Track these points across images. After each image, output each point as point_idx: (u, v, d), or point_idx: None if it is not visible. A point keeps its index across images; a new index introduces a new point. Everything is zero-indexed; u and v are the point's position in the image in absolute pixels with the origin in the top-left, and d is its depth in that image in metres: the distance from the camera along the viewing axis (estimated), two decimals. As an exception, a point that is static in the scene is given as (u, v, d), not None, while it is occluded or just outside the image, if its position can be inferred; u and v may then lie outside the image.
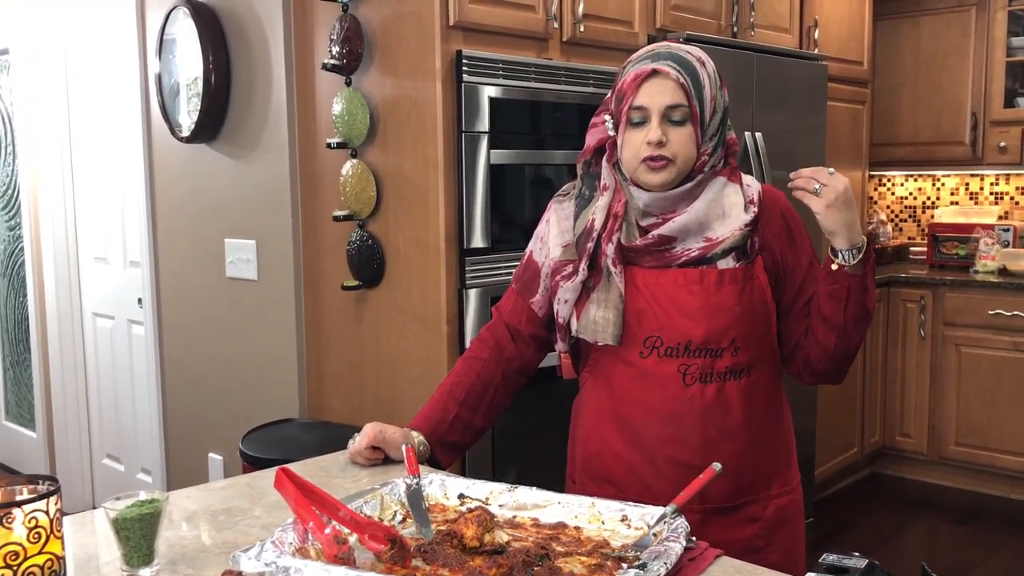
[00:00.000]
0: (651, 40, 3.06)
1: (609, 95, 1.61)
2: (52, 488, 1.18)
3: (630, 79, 1.53)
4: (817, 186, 1.46)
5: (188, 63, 3.14)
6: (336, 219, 2.73)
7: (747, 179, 1.62)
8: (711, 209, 1.56)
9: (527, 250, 1.73)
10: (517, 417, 2.53)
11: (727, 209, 1.57)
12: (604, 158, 1.61)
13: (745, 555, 1.36)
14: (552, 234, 1.65)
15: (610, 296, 1.57)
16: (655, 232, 1.55)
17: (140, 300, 3.65)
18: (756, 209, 1.57)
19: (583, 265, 1.58)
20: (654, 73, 1.51)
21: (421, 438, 1.65)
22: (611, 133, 1.58)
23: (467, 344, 2.52)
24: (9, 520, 1.11)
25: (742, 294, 1.55)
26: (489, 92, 2.57)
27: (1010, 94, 4.60)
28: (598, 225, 1.58)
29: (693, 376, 1.54)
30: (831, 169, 1.48)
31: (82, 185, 4.10)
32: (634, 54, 1.58)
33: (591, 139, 1.62)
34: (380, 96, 2.66)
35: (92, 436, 4.23)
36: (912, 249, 5.12)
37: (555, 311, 1.63)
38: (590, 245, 1.58)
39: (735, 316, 1.54)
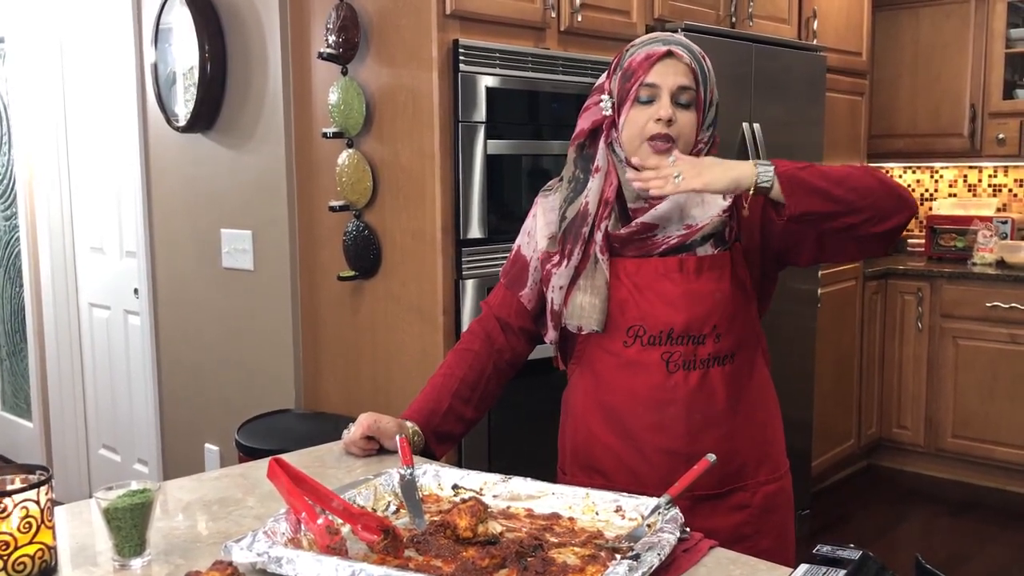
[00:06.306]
0: (649, 30, 3.05)
1: (603, 79, 1.61)
2: (43, 478, 1.17)
3: (641, 57, 1.54)
4: (676, 174, 1.45)
5: (184, 52, 3.13)
6: (332, 209, 2.72)
7: None
8: (690, 196, 1.56)
9: (515, 245, 1.74)
10: (513, 408, 2.52)
11: (705, 195, 1.57)
12: (600, 139, 1.60)
13: (734, 543, 1.37)
14: (539, 226, 1.67)
15: (595, 282, 1.58)
16: (638, 220, 1.56)
17: (136, 290, 3.64)
18: (732, 196, 1.57)
19: (577, 249, 1.59)
20: (669, 54, 1.53)
21: (416, 428, 1.65)
22: (606, 113, 1.58)
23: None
24: (0, 510, 1.11)
25: (721, 280, 1.56)
26: (486, 82, 2.56)
27: (1009, 86, 4.59)
28: (592, 209, 1.58)
29: (676, 363, 1.55)
30: (671, 157, 1.48)
31: (78, 175, 4.08)
32: (636, 40, 1.60)
33: (585, 122, 1.62)
34: (376, 85, 2.65)
35: (88, 426, 4.23)
36: (910, 241, 5.11)
37: (549, 299, 1.64)
38: (585, 230, 1.59)
39: (715, 302, 1.55)
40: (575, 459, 1.67)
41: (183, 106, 3.18)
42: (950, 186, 5.13)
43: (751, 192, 1.45)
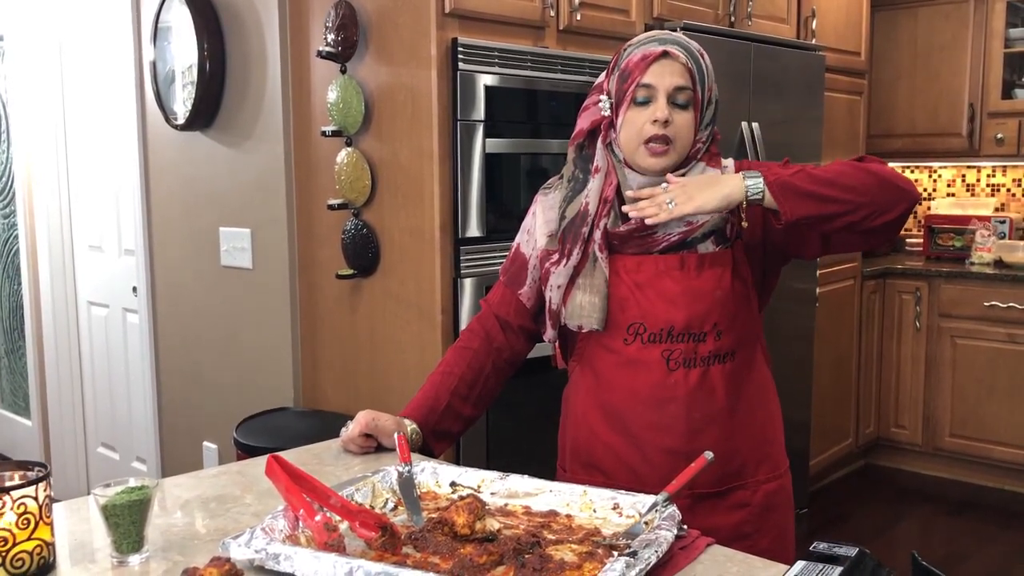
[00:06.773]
0: (648, 29, 3.06)
1: (602, 78, 1.61)
2: (41, 474, 1.18)
3: (638, 58, 1.54)
4: (669, 201, 1.46)
5: (183, 50, 3.13)
6: (331, 208, 2.73)
7: (725, 162, 1.63)
8: None
9: (514, 243, 1.74)
10: (511, 406, 2.52)
11: None
12: (599, 139, 1.60)
13: (734, 541, 1.37)
14: (538, 224, 1.66)
15: (595, 281, 1.58)
16: (638, 216, 1.55)
17: (135, 288, 3.64)
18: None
19: (577, 249, 1.58)
20: (664, 55, 1.53)
21: (414, 426, 1.65)
22: (605, 114, 1.58)
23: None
24: (-2, 506, 1.11)
25: (722, 278, 1.56)
26: (485, 80, 2.56)
27: (1008, 85, 4.59)
28: (592, 209, 1.58)
29: (677, 361, 1.55)
30: (663, 184, 1.50)
31: (77, 173, 4.08)
32: (634, 39, 1.59)
33: (584, 122, 1.62)
34: (375, 84, 2.65)
35: (87, 424, 4.23)
36: (908, 241, 5.12)
37: (547, 298, 1.64)
38: (585, 230, 1.58)
39: (715, 300, 1.55)
40: (575, 457, 1.68)
41: (182, 104, 3.18)
42: (948, 186, 5.13)
43: (743, 205, 1.46)
